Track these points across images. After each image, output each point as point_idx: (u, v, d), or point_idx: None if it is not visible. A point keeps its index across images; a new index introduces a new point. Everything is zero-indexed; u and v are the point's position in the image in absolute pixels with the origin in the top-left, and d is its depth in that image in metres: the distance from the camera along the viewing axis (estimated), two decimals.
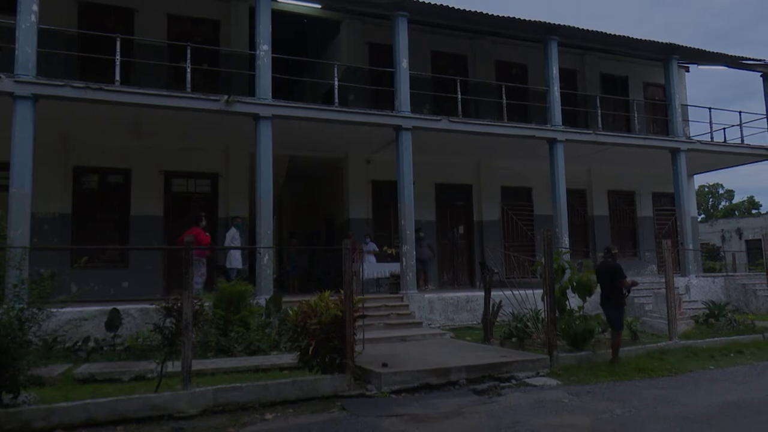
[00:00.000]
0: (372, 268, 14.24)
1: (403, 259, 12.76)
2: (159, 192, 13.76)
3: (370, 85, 14.90)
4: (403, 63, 13.07)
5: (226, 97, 11.43)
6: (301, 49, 16.42)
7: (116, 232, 13.48)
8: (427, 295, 12.98)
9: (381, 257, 14.83)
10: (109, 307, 9.52)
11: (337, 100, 12.97)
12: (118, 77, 11.05)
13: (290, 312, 7.76)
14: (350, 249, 7.63)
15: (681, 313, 11.83)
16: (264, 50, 11.87)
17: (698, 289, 15.50)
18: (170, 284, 12.20)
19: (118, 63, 11.07)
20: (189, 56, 11.71)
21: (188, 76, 11.62)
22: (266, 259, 11.53)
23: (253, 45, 12.44)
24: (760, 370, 8.53)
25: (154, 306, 6.96)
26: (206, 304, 9.14)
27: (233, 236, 12.72)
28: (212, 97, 11.45)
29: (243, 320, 9.35)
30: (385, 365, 7.59)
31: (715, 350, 9.73)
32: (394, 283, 13.58)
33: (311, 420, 5.95)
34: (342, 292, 7.46)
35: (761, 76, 17.65)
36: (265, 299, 10.54)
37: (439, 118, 13.52)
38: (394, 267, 13.88)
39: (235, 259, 12.75)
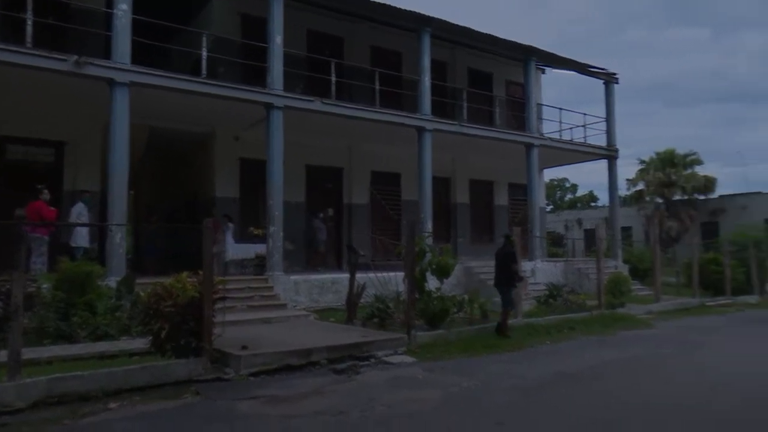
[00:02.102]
0: (236, 248, 13.85)
1: (270, 240, 12.56)
2: None
3: (242, 59, 14.31)
4: (278, 39, 12.73)
5: (75, 57, 10.37)
6: (167, 14, 15.29)
7: None
8: (292, 277, 12.91)
9: (248, 237, 14.49)
10: None
11: (205, 72, 12.33)
12: None
13: (142, 294, 7.31)
14: (212, 228, 7.34)
15: (526, 294, 12.91)
16: (123, 9, 10.92)
17: (542, 272, 16.99)
18: None
19: None
20: (31, 5, 10.40)
21: (29, 28, 10.33)
22: (119, 238, 10.74)
23: (110, 2, 11.39)
24: (587, 344, 9.60)
25: None
26: (44, 286, 8.32)
27: (80, 212, 11.61)
28: (59, 56, 10.31)
29: (89, 303, 8.60)
30: (245, 347, 7.44)
31: (552, 327, 10.76)
32: (260, 265, 13.33)
33: (161, 407, 5.67)
34: (202, 273, 7.17)
35: (604, 83, 19.62)
36: (116, 281, 9.82)
37: (312, 98, 13.39)
38: (260, 248, 13.61)
39: (81, 237, 11.66)
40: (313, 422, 5.19)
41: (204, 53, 12.36)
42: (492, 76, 20.42)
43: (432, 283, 10.63)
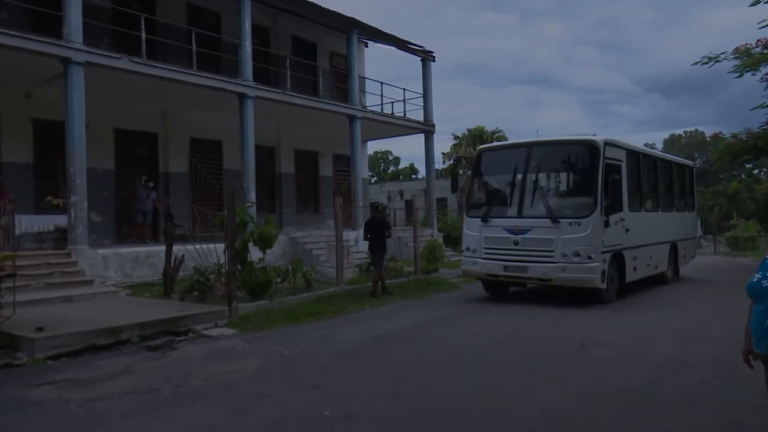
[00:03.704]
0: (32, 220, 12.30)
1: (72, 210, 11.35)
2: None
3: (32, 5, 12.45)
4: None
5: None
6: None
7: None
8: (100, 251, 11.86)
9: (46, 208, 12.93)
10: None
11: None
12: None
13: None
14: None
15: (348, 263, 13.41)
16: None
17: (363, 240, 17.67)
18: None
19: None
20: None
21: None
22: None
23: None
24: (404, 307, 10.29)
25: None
26: None
27: None
28: None
29: None
30: (40, 329, 6.74)
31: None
32: (61, 238, 12.00)
33: None
34: None
35: (421, 60, 20.70)
36: None
37: (119, 56, 12.17)
38: (60, 219, 12.23)
39: None
40: (120, 403, 4.89)
41: None
42: (316, 46, 20.36)
43: (255, 253, 10.51)
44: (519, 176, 10.40)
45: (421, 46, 20.13)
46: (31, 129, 13.50)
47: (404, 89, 20.54)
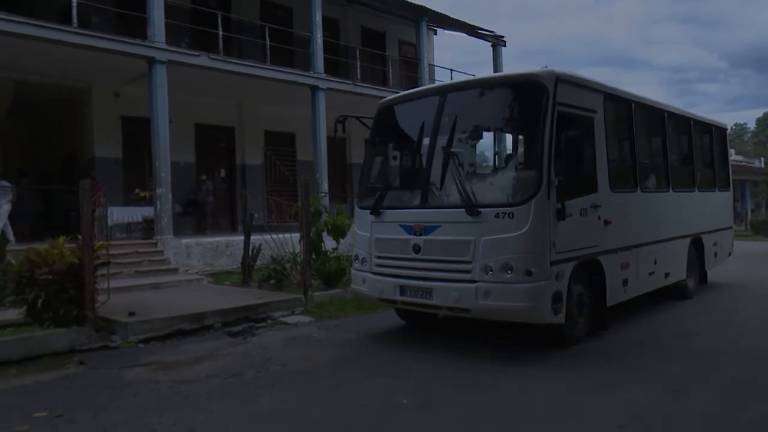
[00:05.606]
0: (122, 212, 13.13)
1: (158, 202, 12.01)
2: None
3: (119, 8, 13.22)
4: None
5: None
6: None
7: None
8: (183, 240, 12.48)
9: (134, 201, 13.79)
10: None
11: (76, 21, 11.26)
12: None
13: (13, 262, 6.78)
14: (89, 189, 6.90)
15: None
16: None
17: None
18: None
19: None
20: None
21: None
22: None
23: None
24: None
25: None
26: None
27: None
28: None
29: None
30: (132, 314, 7.19)
31: None
32: (148, 228, 12.75)
33: (39, 379, 5.36)
34: (81, 238, 6.76)
35: (491, 45, 20.29)
36: None
37: (198, 53, 12.71)
38: (147, 211, 12.99)
39: None
40: (205, 386, 5.15)
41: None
42: (385, 36, 20.40)
43: (328, 243, 10.72)
44: (426, 142, 6.56)
45: (491, 31, 19.75)
46: (120, 125, 14.36)
47: (474, 75, 20.17)
